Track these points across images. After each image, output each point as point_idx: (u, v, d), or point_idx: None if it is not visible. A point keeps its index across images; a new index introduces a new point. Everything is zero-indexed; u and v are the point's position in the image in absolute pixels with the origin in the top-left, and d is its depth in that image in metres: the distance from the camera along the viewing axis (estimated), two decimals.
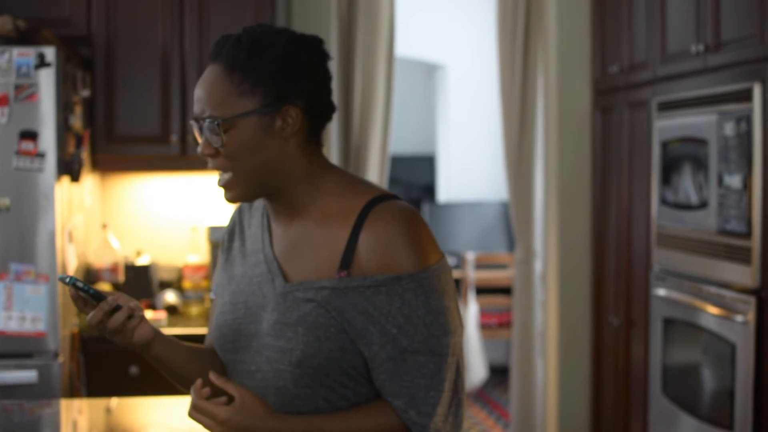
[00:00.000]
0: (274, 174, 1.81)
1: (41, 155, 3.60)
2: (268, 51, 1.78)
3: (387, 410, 1.78)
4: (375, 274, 1.74)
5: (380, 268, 1.74)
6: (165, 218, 4.79)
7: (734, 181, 3.40)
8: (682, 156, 3.81)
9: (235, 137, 1.77)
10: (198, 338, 4.30)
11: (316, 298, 1.77)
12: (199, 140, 1.82)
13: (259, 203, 1.96)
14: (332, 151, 4.91)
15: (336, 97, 4.93)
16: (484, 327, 7.09)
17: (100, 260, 4.52)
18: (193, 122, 1.83)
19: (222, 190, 1.84)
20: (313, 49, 1.83)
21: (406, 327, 1.73)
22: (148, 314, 4.28)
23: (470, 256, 7.20)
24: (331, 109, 1.86)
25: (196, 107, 1.81)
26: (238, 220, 2.01)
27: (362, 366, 1.78)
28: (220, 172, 1.83)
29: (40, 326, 3.62)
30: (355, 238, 1.77)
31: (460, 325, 1.79)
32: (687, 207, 3.77)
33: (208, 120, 1.78)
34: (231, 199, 1.84)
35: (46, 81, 3.60)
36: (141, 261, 4.62)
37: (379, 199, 1.81)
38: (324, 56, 1.84)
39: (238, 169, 1.79)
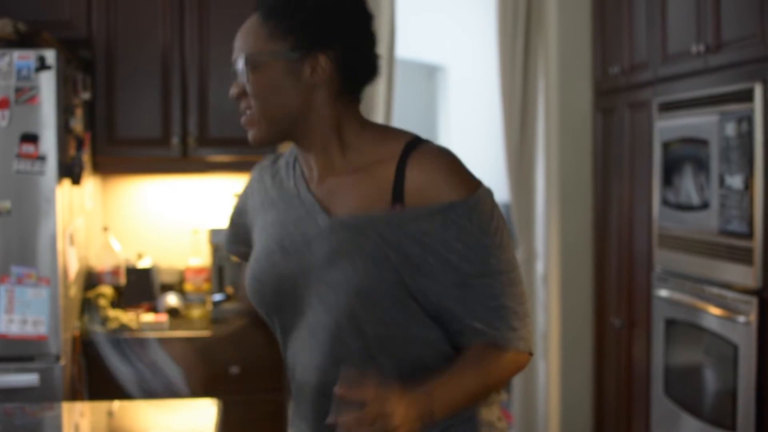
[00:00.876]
0: (299, 119, 1.85)
1: (42, 158, 3.60)
2: (304, 1, 1.82)
3: (492, 349, 1.78)
4: (427, 205, 1.78)
5: (430, 200, 1.77)
6: (166, 221, 4.79)
7: (735, 181, 3.39)
8: (683, 157, 3.81)
9: (261, 77, 1.83)
10: (199, 340, 4.31)
11: (369, 231, 1.78)
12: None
13: (287, 157, 2.01)
14: None
15: None
16: None
17: (101, 263, 4.52)
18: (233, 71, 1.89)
19: (248, 131, 1.88)
20: (353, 4, 1.87)
21: (464, 252, 1.76)
22: (149, 317, 4.28)
23: None
24: (371, 66, 1.88)
25: (234, 55, 1.87)
26: (258, 177, 2.05)
27: (415, 302, 1.78)
28: (243, 112, 1.88)
29: (42, 329, 3.62)
30: (401, 175, 1.80)
31: (513, 241, 1.84)
32: (688, 208, 3.77)
33: (238, 60, 1.84)
34: (253, 139, 1.87)
35: (47, 84, 3.59)
36: (142, 264, 4.62)
37: (416, 141, 1.85)
38: (365, 13, 1.87)
39: (262, 109, 1.84)
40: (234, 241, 2.14)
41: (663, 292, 3.97)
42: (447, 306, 1.78)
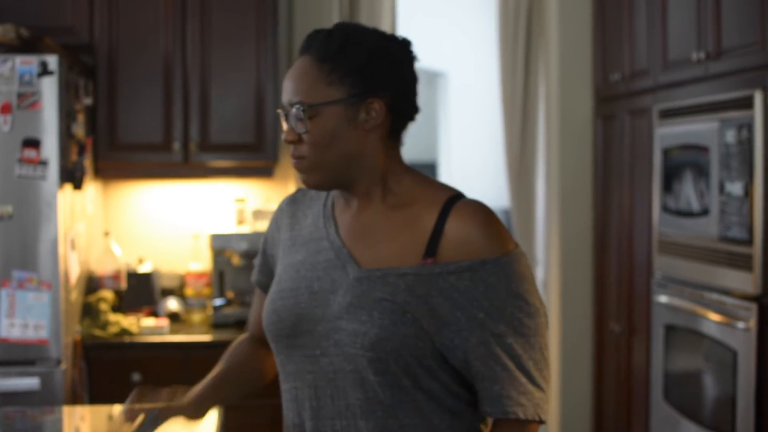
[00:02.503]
0: (353, 165, 1.85)
1: (44, 163, 3.61)
2: (358, 44, 1.83)
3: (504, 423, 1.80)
4: (458, 259, 1.79)
5: (464, 255, 1.78)
6: (167, 226, 4.79)
7: (735, 188, 3.40)
8: (683, 163, 3.82)
9: (319, 125, 1.82)
10: (200, 345, 4.31)
11: (398, 284, 1.79)
12: (284, 128, 1.87)
13: (317, 194, 2.00)
14: None
15: None
16: None
17: (102, 268, 4.52)
18: (280, 111, 1.88)
19: (301, 175, 1.88)
20: (402, 48, 1.89)
21: (491, 311, 1.76)
22: (150, 322, 4.29)
23: None
24: (415, 110, 1.92)
25: (285, 96, 1.86)
26: (289, 211, 2.03)
27: (435, 358, 1.79)
28: (299, 158, 1.86)
29: (43, 333, 3.63)
30: (440, 227, 1.81)
31: (542, 306, 1.83)
32: (688, 214, 3.78)
33: (295, 106, 1.82)
34: (308, 183, 1.87)
35: (49, 89, 3.60)
36: (143, 268, 4.63)
37: (458, 195, 1.87)
38: (412, 57, 1.90)
39: (318, 157, 1.83)
40: (263, 272, 2.11)
41: (663, 298, 3.98)
42: (472, 363, 1.79)
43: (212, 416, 2.75)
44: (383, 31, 1.90)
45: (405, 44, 1.89)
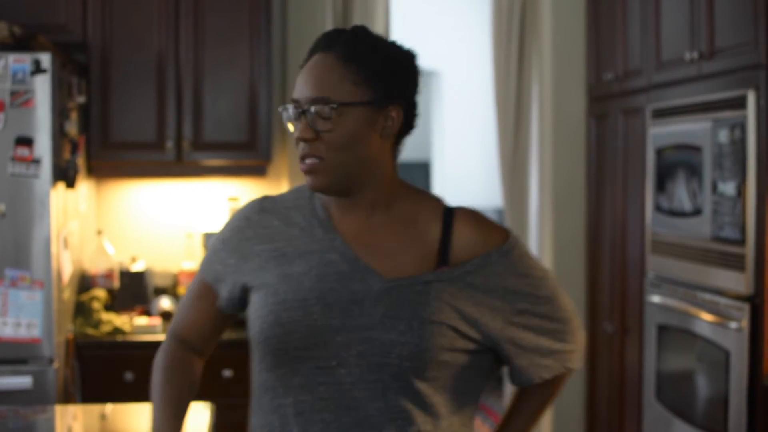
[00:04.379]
0: (367, 171, 1.84)
1: (37, 161, 3.60)
2: (381, 50, 1.84)
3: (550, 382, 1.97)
4: (470, 260, 1.86)
5: (473, 254, 1.87)
6: (160, 224, 4.79)
7: (728, 188, 3.40)
8: (676, 163, 3.82)
9: (344, 124, 1.79)
10: None
11: (427, 291, 1.82)
12: (294, 126, 1.83)
13: (293, 203, 1.94)
14: None
15: None
16: None
17: (95, 266, 4.52)
18: (290, 106, 1.83)
19: (309, 176, 1.83)
20: (414, 60, 1.89)
21: (506, 296, 1.86)
22: (143, 321, 4.29)
23: None
24: (415, 121, 1.92)
25: (303, 90, 1.81)
26: (262, 221, 1.94)
27: (453, 361, 1.84)
28: (317, 158, 1.81)
29: (35, 332, 3.62)
30: (448, 236, 1.87)
31: (546, 270, 1.97)
32: (681, 214, 3.78)
33: (320, 102, 1.79)
34: (316, 186, 1.84)
35: (42, 87, 3.60)
36: (136, 267, 4.62)
37: (447, 205, 1.94)
38: (418, 68, 1.91)
39: (337, 158, 1.81)
40: (234, 297, 1.97)
41: (655, 298, 3.98)
42: (502, 347, 1.89)
43: (205, 415, 2.75)
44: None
45: (414, 57, 1.90)
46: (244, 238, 1.94)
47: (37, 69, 3.59)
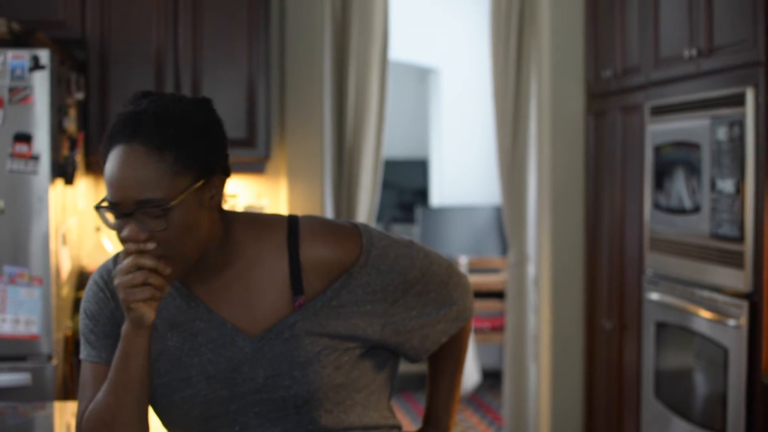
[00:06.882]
0: (204, 243, 1.75)
1: (35, 158, 3.60)
2: (189, 124, 1.72)
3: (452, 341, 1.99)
4: (325, 283, 1.80)
5: (330, 278, 1.80)
6: None
7: (727, 185, 3.41)
8: (674, 160, 3.82)
9: (177, 218, 1.68)
10: None
11: (296, 334, 1.78)
12: (119, 227, 1.72)
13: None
14: (326, 156, 4.91)
15: (329, 101, 4.95)
16: (477, 331, 7.09)
17: (93, 263, 4.52)
18: (110, 208, 1.71)
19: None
20: (213, 111, 1.79)
21: (378, 299, 1.82)
22: None
23: (463, 260, 7.21)
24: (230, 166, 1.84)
25: (121, 192, 1.67)
26: (115, 305, 1.85)
27: (348, 374, 1.82)
28: (160, 257, 1.69)
29: (34, 329, 3.62)
30: (297, 263, 1.80)
31: (406, 240, 1.90)
32: (680, 211, 3.78)
33: (147, 205, 1.66)
34: (170, 280, 1.72)
35: (41, 83, 3.59)
36: None
37: (291, 222, 1.84)
38: (218, 116, 1.80)
39: (178, 250, 1.70)
40: (106, 347, 1.84)
41: (654, 296, 3.99)
42: (388, 342, 1.86)
43: None
44: (189, 96, 1.79)
45: (211, 105, 1.79)
46: (109, 311, 1.86)
47: (36, 65, 3.59)
